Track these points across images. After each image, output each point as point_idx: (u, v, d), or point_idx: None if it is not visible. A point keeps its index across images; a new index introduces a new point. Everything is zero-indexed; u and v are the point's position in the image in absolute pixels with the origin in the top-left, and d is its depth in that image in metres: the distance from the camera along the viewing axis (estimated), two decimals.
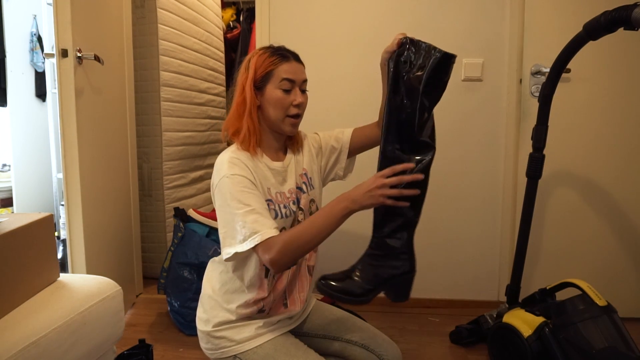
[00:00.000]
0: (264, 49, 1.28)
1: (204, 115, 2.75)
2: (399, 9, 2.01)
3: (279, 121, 1.24)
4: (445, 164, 2.07)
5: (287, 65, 1.24)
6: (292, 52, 1.29)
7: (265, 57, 1.24)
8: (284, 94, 1.22)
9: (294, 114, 1.24)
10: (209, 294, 1.26)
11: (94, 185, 1.77)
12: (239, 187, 1.12)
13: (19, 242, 1.14)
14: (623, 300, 1.69)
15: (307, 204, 1.30)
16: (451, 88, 2.02)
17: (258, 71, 1.23)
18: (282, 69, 1.23)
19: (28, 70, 3.03)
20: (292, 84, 1.23)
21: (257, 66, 1.23)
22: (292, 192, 1.27)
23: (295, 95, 1.24)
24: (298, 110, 1.24)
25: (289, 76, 1.23)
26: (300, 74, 1.26)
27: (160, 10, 2.30)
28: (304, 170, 1.31)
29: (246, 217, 1.08)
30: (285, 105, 1.23)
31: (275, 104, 1.22)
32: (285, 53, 1.26)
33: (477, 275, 2.11)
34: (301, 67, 1.28)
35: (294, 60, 1.26)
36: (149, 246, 2.43)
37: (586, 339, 1.33)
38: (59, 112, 1.61)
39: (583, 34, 1.38)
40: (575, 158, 1.96)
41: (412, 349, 1.75)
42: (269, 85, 1.23)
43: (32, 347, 1.00)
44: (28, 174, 2.97)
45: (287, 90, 1.23)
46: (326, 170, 1.39)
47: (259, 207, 1.11)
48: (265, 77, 1.23)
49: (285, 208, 1.22)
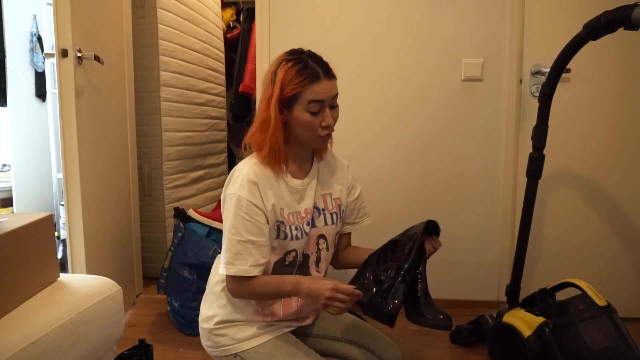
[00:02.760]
0: (293, 60, 1.16)
1: (204, 115, 2.75)
2: (399, 9, 2.01)
3: (308, 140, 1.18)
4: (445, 164, 2.07)
5: (316, 87, 1.13)
6: (323, 64, 1.18)
7: (292, 75, 1.13)
8: (312, 116, 1.13)
9: (324, 134, 1.16)
10: (216, 292, 1.24)
11: (94, 185, 1.77)
12: (241, 212, 1.11)
13: (19, 242, 1.14)
14: (623, 300, 1.69)
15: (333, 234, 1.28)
16: (451, 88, 2.04)
17: (284, 90, 1.13)
18: (311, 91, 1.12)
19: (28, 70, 3.03)
20: (321, 105, 1.14)
21: (284, 84, 1.13)
22: (307, 212, 1.22)
23: (324, 115, 1.15)
24: (328, 131, 1.17)
25: (317, 98, 1.13)
26: (331, 92, 1.15)
27: (160, 10, 2.30)
28: (338, 201, 1.28)
29: (232, 246, 1.11)
30: (314, 127, 1.15)
31: (303, 126, 1.15)
32: (315, 69, 1.14)
33: (477, 275, 2.11)
34: (332, 84, 1.16)
35: (324, 78, 1.14)
36: (149, 246, 2.43)
37: (586, 339, 1.33)
38: (59, 112, 1.61)
39: (583, 34, 1.38)
40: (575, 158, 1.96)
41: (412, 349, 1.75)
42: (297, 105, 1.13)
43: (32, 347, 1.00)
44: (28, 174, 2.97)
45: (315, 113, 1.13)
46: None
47: (250, 238, 1.12)
48: (292, 98, 1.13)
49: (297, 230, 1.19)
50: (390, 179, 2.09)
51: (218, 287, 1.24)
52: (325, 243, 1.27)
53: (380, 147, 2.08)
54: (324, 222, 1.25)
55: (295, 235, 1.18)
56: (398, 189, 2.10)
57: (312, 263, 1.25)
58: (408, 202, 2.10)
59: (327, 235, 1.26)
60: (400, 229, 1.35)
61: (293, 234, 1.18)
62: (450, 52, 2.01)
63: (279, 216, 1.17)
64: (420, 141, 2.07)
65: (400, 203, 2.09)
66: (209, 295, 1.26)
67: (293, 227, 1.18)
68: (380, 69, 2.05)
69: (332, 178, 1.30)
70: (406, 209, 2.10)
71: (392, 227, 1.63)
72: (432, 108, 2.05)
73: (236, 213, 1.12)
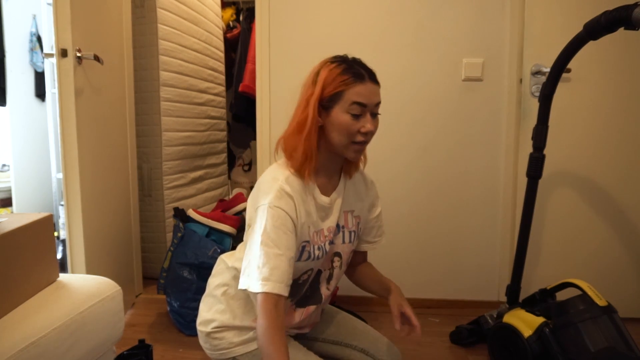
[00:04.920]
0: (337, 62, 1.11)
1: (203, 115, 2.75)
2: (399, 8, 2.01)
3: (342, 147, 1.10)
4: (446, 164, 2.07)
5: (361, 87, 1.07)
6: (368, 69, 1.13)
7: (336, 74, 1.08)
8: (353, 119, 1.07)
9: (360, 141, 1.09)
10: (215, 295, 1.20)
11: (94, 185, 1.77)
12: (277, 222, 1.02)
13: (19, 242, 1.14)
14: (623, 300, 1.69)
15: (348, 253, 1.23)
16: (451, 88, 2.04)
17: (327, 89, 1.07)
18: (355, 91, 1.07)
19: (28, 70, 3.03)
20: (363, 109, 1.08)
21: (327, 83, 1.07)
22: (330, 231, 1.16)
23: (364, 121, 1.08)
24: (365, 138, 1.10)
25: (361, 100, 1.07)
26: (374, 97, 1.10)
27: (160, 10, 2.30)
28: (358, 219, 1.23)
29: (269, 260, 0.99)
30: (352, 132, 1.08)
31: (340, 129, 1.08)
32: (361, 71, 1.09)
33: (477, 275, 2.11)
34: (376, 89, 1.12)
35: (369, 81, 1.10)
36: (149, 246, 2.43)
37: (586, 339, 1.33)
38: (59, 112, 1.61)
39: (583, 34, 1.38)
40: (575, 158, 1.96)
41: (412, 349, 1.74)
42: (337, 107, 1.07)
43: (32, 347, 1.00)
44: (27, 174, 2.96)
45: (356, 115, 1.07)
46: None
47: (287, 253, 1.02)
48: (333, 97, 1.07)
49: (319, 250, 1.12)
50: (390, 179, 2.09)
51: (218, 290, 1.20)
52: (340, 261, 1.23)
53: (379, 146, 2.07)
54: (342, 240, 1.20)
55: (317, 256, 1.12)
56: (398, 188, 2.10)
57: (323, 279, 1.21)
58: (408, 202, 2.10)
59: (342, 254, 1.22)
60: (400, 228, 1.34)
61: (316, 254, 1.12)
62: (450, 52, 2.01)
63: (307, 235, 1.10)
64: (420, 141, 2.07)
65: (400, 202, 2.09)
66: (209, 297, 1.23)
67: (316, 247, 1.12)
68: (380, 69, 2.01)
69: (356, 195, 1.25)
70: (406, 208, 2.10)
71: (392, 226, 1.64)
72: (432, 108, 2.04)
73: (274, 225, 1.02)
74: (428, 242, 2.12)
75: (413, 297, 2.13)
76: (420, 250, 2.13)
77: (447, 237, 2.12)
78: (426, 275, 2.14)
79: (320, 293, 1.22)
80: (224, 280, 1.20)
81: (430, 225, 2.10)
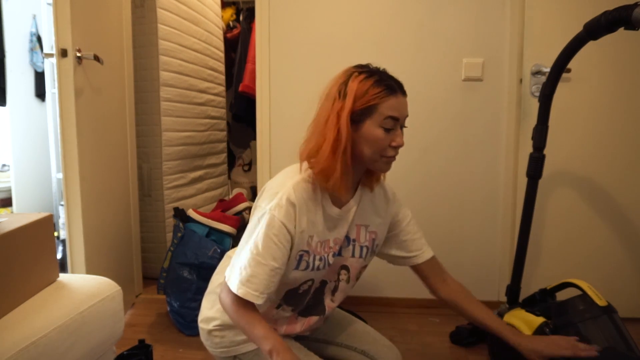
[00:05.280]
0: (366, 73, 1.07)
1: (203, 115, 2.75)
2: (399, 8, 2.01)
3: (372, 161, 1.08)
4: (446, 164, 2.07)
5: (394, 101, 1.05)
6: (398, 81, 1.10)
7: (368, 86, 1.04)
8: (385, 133, 1.05)
9: (391, 155, 1.08)
10: (218, 293, 1.15)
11: (94, 185, 1.77)
12: (271, 233, 1.02)
13: (19, 242, 1.14)
14: (623, 300, 1.69)
15: (358, 268, 1.20)
16: (451, 88, 2.04)
17: (358, 102, 1.03)
18: (389, 105, 1.04)
19: (28, 70, 3.02)
20: (395, 123, 1.06)
21: (358, 96, 1.03)
22: (337, 242, 1.14)
23: (395, 135, 1.06)
24: (395, 153, 1.08)
25: (395, 114, 1.05)
26: (406, 110, 1.09)
27: (160, 10, 2.30)
28: (373, 235, 1.20)
29: (251, 266, 1.01)
30: (383, 146, 1.06)
31: (372, 143, 1.05)
32: (392, 83, 1.07)
33: (477, 275, 2.11)
34: (406, 101, 1.10)
35: (400, 94, 1.08)
36: (149, 246, 2.43)
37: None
38: (59, 112, 1.61)
39: (583, 34, 1.38)
40: (575, 158, 1.96)
41: (412, 349, 1.74)
42: (369, 120, 1.04)
43: (32, 347, 1.00)
44: (27, 174, 2.96)
45: (388, 129, 1.05)
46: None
47: (272, 264, 1.02)
48: (365, 111, 1.04)
49: (320, 260, 1.10)
50: (390, 179, 2.08)
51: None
52: (347, 275, 1.20)
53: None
54: (351, 253, 1.17)
55: (317, 266, 1.10)
56: (398, 188, 2.08)
57: (328, 291, 1.20)
58: (408, 202, 2.09)
59: (350, 268, 1.19)
60: None
61: (315, 264, 1.09)
62: (450, 52, 2.01)
63: (305, 245, 1.08)
64: (420, 141, 2.07)
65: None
66: (212, 294, 1.23)
67: (317, 258, 1.10)
68: None
69: (374, 209, 1.22)
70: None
71: None
72: (432, 108, 2.04)
73: (266, 233, 1.02)
74: (428, 242, 2.12)
75: (413, 297, 2.13)
76: None
77: (447, 236, 2.12)
78: None
79: (324, 304, 1.21)
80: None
81: (430, 225, 2.10)
